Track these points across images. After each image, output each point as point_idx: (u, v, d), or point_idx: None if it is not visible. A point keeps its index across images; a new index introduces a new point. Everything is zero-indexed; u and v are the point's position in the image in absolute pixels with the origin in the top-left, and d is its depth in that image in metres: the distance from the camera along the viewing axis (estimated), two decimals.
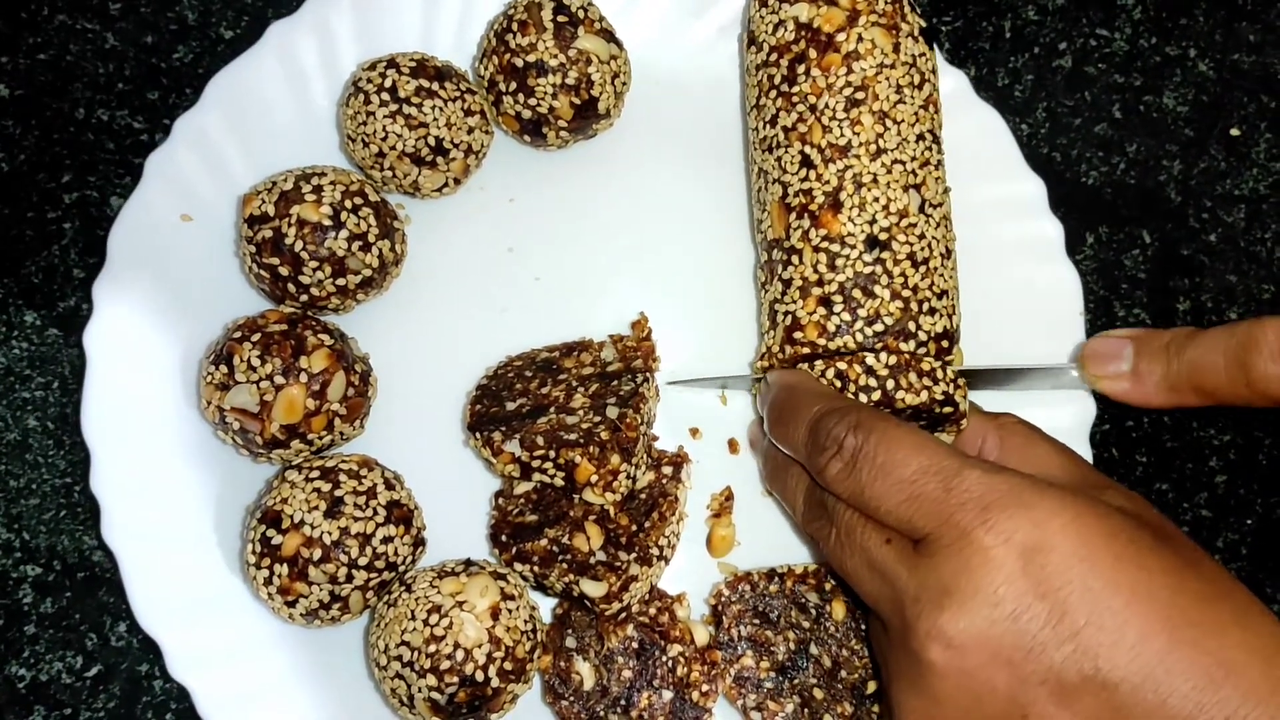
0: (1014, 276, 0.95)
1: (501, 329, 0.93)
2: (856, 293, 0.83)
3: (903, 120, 0.85)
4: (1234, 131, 1.07)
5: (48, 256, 0.99)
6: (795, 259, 0.85)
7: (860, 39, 0.85)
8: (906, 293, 0.83)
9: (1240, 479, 1.01)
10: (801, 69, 0.86)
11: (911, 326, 0.83)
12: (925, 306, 0.83)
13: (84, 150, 1.01)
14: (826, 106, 0.85)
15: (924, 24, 0.89)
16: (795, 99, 0.86)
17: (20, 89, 1.02)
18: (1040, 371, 0.89)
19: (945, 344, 0.84)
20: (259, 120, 0.94)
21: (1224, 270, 1.05)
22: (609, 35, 0.93)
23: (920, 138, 0.86)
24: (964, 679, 0.65)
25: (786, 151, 0.86)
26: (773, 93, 0.88)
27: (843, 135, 0.84)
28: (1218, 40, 1.09)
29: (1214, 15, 1.11)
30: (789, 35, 0.87)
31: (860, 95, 0.84)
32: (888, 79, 0.85)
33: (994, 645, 0.64)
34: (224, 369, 0.83)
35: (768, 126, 0.88)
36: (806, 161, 0.85)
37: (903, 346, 0.82)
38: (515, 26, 0.91)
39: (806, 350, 0.84)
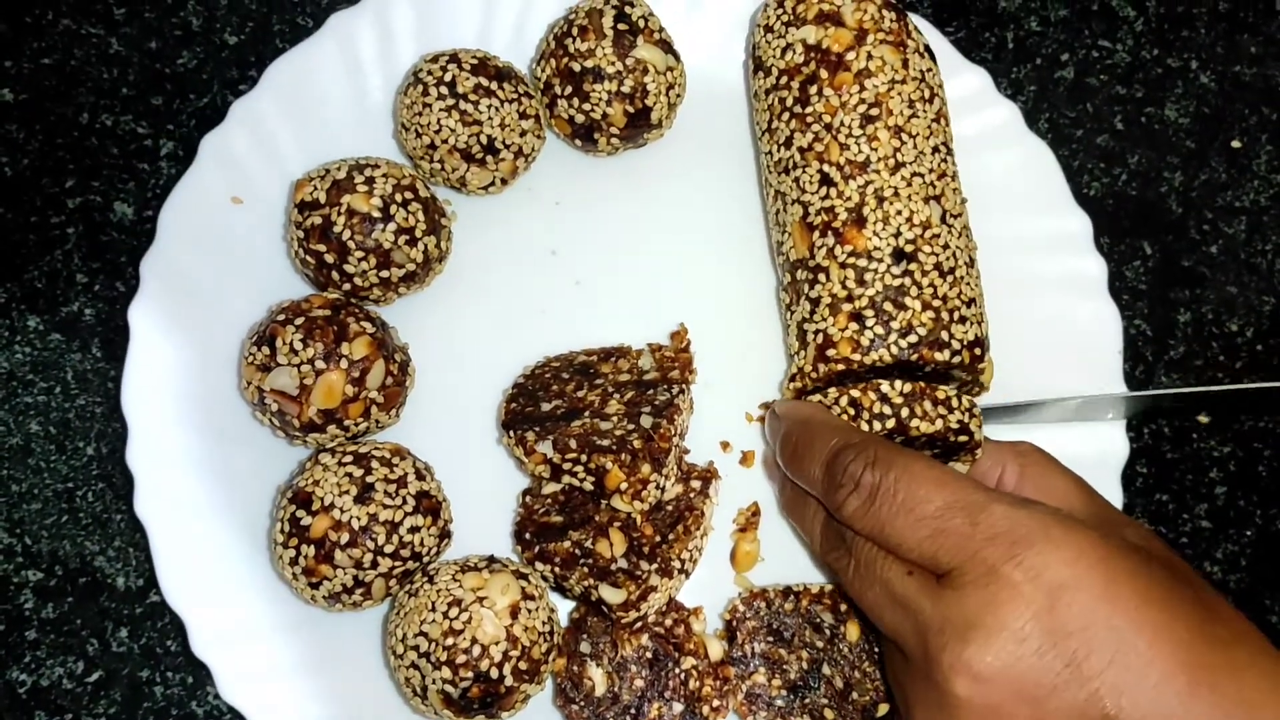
0: (1054, 311, 0.97)
1: (540, 330, 0.96)
2: (888, 305, 0.85)
3: (917, 134, 0.87)
4: (1235, 144, 1.10)
5: (50, 261, 1.00)
6: (822, 277, 0.87)
7: (870, 57, 0.88)
8: (937, 302, 0.85)
9: (1240, 491, 1.03)
10: (814, 89, 0.89)
11: (945, 336, 0.84)
12: (956, 315, 0.86)
13: (87, 155, 1.03)
14: (842, 124, 0.87)
15: (927, 42, 0.91)
16: (810, 119, 0.89)
17: (24, 94, 1.04)
18: (1071, 403, 0.92)
19: (978, 351, 0.86)
20: (314, 108, 0.98)
21: (1225, 282, 1.07)
22: (667, 46, 0.96)
23: (935, 150, 0.88)
24: (987, 713, 0.66)
25: (804, 171, 0.89)
26: (785, 115, 0.90)
27: (861, 151, 0.87)
28: (1219, 52, 1.12)
29: (1215, 27, 1.13)
30: (798, 58, 0.90)
31: (874, 111, 0.87)
32: (900, 94, 0.88)
33: (1019, 680, 0.65)
34: (266, 350, 0.85)
35: (782, 149, 0.91)
36: (826, 180, 0.87)
37: (938, 356, 0.84)
38: (575, 31, 0.94)
39: (841, 367, 0.85)
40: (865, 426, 0.84)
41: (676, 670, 0.86)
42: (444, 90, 0.92)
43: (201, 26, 1.06)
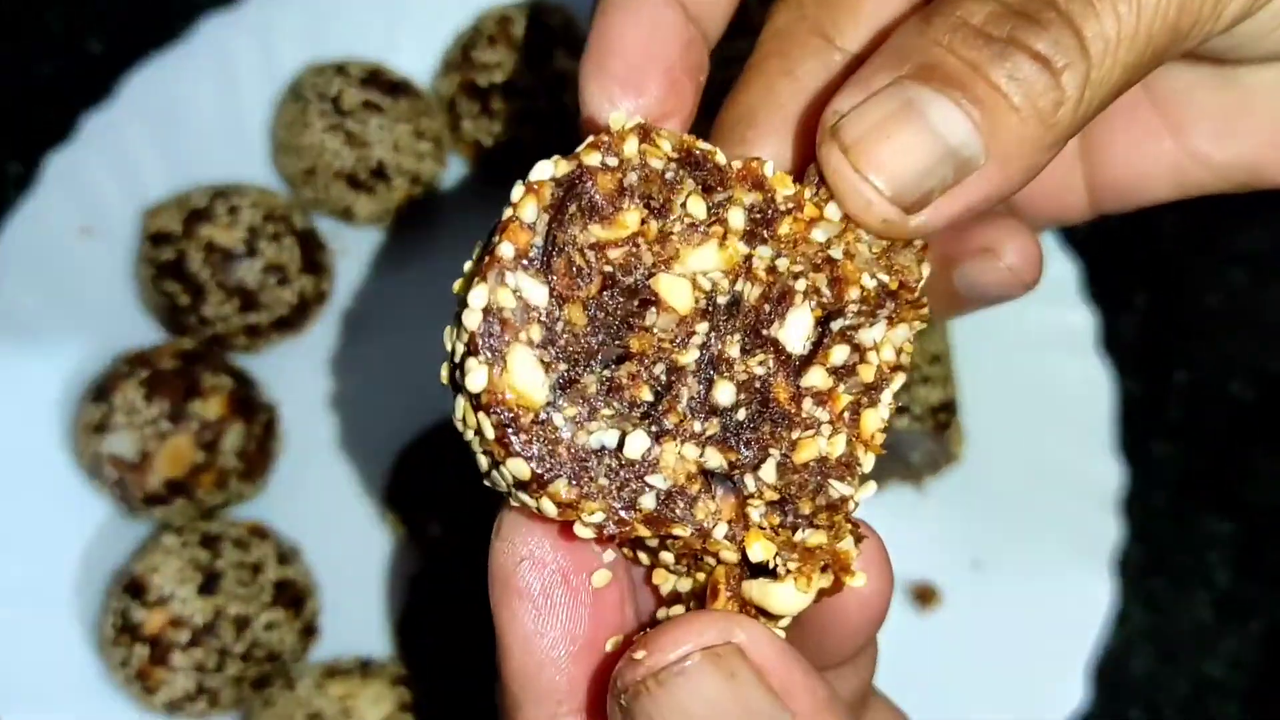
0: (1037, 369, 0.93)
1: (439, 387, 0.87)
2: None
3: None
4: None
5: None
6: None
7: None
8: None
9: (1245, 576, 0.97)
10: None
11: (904, 399, 0.81)
12: (918, 375, 0.82)
13: None
14: None
15: None
16: None
17: None
18: None
19: (943, 417, 0.82)
20: (180, 126, 0.93)
21: (1225, 338, 1.03)
22: None
23: None
24: None
25: None
26: None
27: None
28: None
29: None
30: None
31: None
32: None
33: None
34: (103, 408, 0.81)
35: None
36: None
37: (896, 423, 0.78)
38: (483, 41, 0.89)
39: None
40: None
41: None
42: (327, 106, 0.88)
43: (62, 31, 1.02)
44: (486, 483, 0.43)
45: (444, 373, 0.42)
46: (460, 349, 0.40)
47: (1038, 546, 0.88)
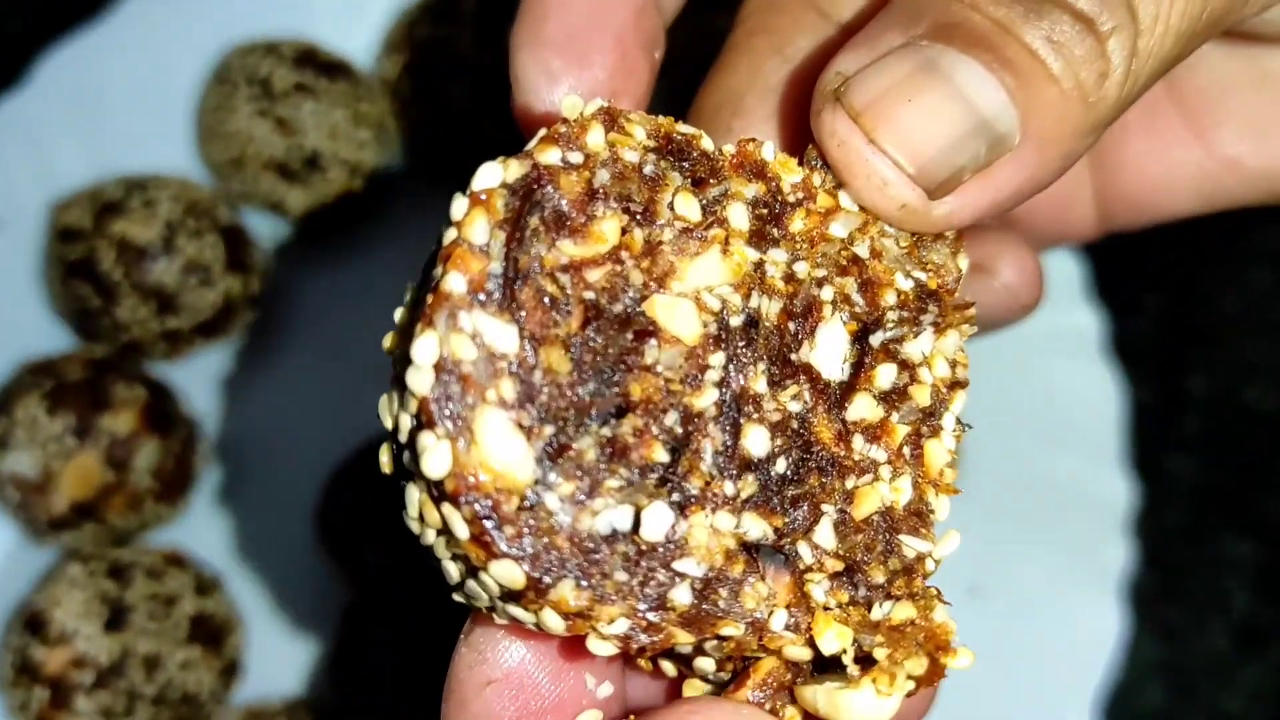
0: (1038, 377, 0.92)
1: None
2: None
3: None
4: None
5: None
6: None
7: None
8: None
9: (1266, 601, 0.96)
10: None
11: None
12: None
13: None
14: None
15: None
16: None
17: None
18: None
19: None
20: (97, 111, 0.91)
21: (1244, 340, 1.01)
22: None
23: None
24: None
25: None
26: None
27: None
28: None
29: None
30: None
31: None
32: None
33: None
34: (3, 422, 0.80)
35: None
36: None
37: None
38: (429, 17, 0.87)
39: None
40: None
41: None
42: (255, 89, 0.86)
43: None
44: (458, 597, 0.36)
45: (384, 459, 0.35)
46: (408, 422, 0.33)
47: (1040, 571, 0.87)
